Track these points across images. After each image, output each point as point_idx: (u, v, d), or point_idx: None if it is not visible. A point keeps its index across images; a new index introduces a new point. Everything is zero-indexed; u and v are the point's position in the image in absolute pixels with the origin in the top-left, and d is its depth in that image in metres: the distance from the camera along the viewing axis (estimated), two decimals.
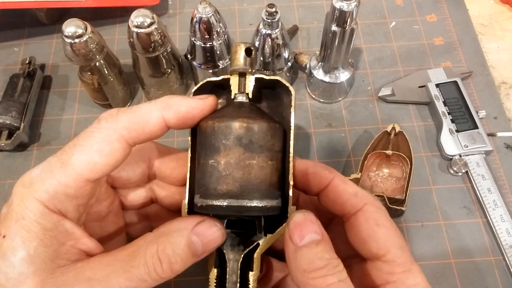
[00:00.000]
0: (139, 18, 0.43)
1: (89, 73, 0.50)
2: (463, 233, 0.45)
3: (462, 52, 0.57)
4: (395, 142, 0.48)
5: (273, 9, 0.44)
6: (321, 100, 0.54)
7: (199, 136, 0.29)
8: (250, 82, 0.30)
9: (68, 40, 0.44)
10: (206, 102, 0.29)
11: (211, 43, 0.45)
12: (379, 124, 0.52)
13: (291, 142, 0.30)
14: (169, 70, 0.49)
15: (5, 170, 0.50)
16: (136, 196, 0.34)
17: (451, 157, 0.48)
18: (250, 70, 0.30)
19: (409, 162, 0.47)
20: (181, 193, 0.34)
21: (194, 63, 0.49)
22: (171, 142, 0.51)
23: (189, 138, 0.30)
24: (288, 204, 0.29)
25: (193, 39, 0.46)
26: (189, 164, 0.30)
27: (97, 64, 0.47)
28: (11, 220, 0.25)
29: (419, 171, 0.49)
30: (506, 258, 0.43)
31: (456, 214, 0.46)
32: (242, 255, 0.29)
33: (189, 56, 0.49)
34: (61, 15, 0.61)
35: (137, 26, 0.43)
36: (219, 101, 0.32)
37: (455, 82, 0.52)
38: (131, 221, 0.35)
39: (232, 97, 0.30)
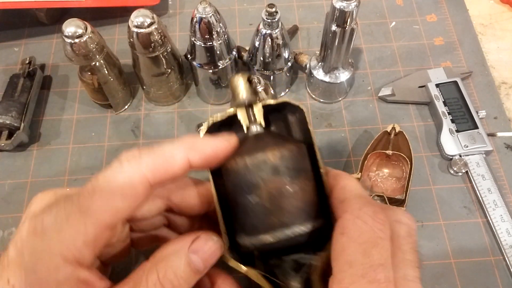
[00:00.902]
0: (139, 18, 0.43)
1: (89, 73, 0.50)
2: (463, 233, 0.45)
3: (462, 52, 0.57)
4: (395, 142, 0.48)
5: (273, 9, 0.44)
6: (321, 100, 0.54)
7: (229, 176, 0.28)
8: (258, 111, 0.30)
9: (68, 40, 0.44)
10: (231, 142, 0.28)
11: (211, 43, 0.45)
12: (379, 124, 0.52)
13: (319, 157, 0.29)
14: (169, 70, 0.49)
15: (5, 170, 0.50)
16: (148, 224, 0.33)
17: (451, 157, 0.48)
18: (256, 99, 0.30)
19: (409, 162, 0.47)
20: (197, 219, 0.33)
21: (194, 63, 0.49)
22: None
23: (211, 179, 0.29)
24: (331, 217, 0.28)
25: (193, 39, 0.46)
26: (219, 209, 0.29)
27: (97, 64, 0.47)
28: (21, 269, 0.23)
29: (419, 171, 0.49)
30: (506, 258, 0.43)
31: (456, 214, 0.46)
32: (301, 281, 0.28)
33: (189, 56, 0.49)
34: (61, 15, 0.61)
35: (137, 26, 0.43)
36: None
37: (455, 82, 0.52)
38: (137, 237, 0.34)
39: (245, 130, 0.30)
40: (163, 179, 0.26)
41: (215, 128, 0.31)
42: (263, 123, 0.30)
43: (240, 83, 0.30)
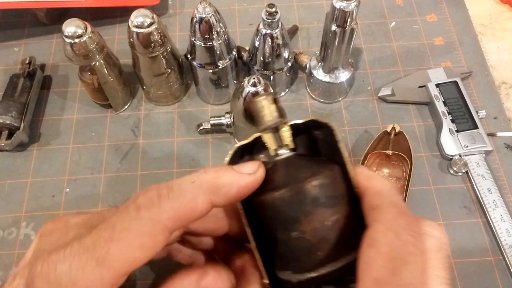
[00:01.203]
0: (139, 18, 0.43)
1: (89, 73, 0.50)
2: (463, 233, 0.45)
3: (462, 52, 0.57)
4: (395, 142, 0.48)
5: (273, 9, 0.44)
6: (321, 100, 0.54)
7: (264, 210, 0.26)
8: (286, 132, 0.28)
9: (68, 40, 0.44)
10: (257, 177, 0.26)
11: (211, 43, 0.45)
12: (379, 124, 0.52)
13: (352, 175, 0.27)
14: (169, 70, 0.49)
15: (5, 170, 0.50)
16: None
17: (451, 157, 0.48)
18: (284, 121, 0.28)
19: (409, 162, 0.47)
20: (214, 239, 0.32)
21: (194, 63, 0.49)
22: (171, 142, 0.51)
23: (242, 212, 0.28)
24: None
25: (193, 39, 0.46)
26: (254, 245, 0.27)
27: (97, 64, 0.47)
28: None
29: (419, 171, 0.49)
30: (506, 258, 0.43)
31: (456, 214, 0.46)
32: None
33: (189, 56, 0.49)
34: (61, 15, 0.61)
35: (137, 26, 0.43)
36: (245, 158, 0.29)
37: (455, 82, 0.52)
38: None
39: (272, 154, 0.28)
40: (184, 225, 0.24)
41: (238, 152, 0.29)
42: (292, 146, 0.28)
43: (265, 105, 0.28)
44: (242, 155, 0.30)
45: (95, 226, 0.24)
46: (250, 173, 0.26)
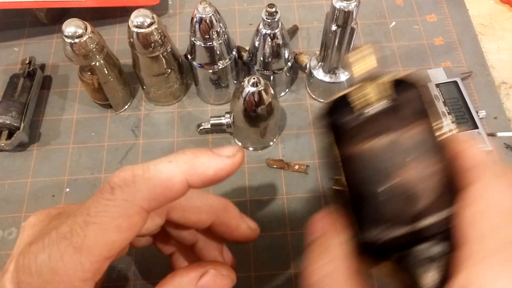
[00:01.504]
0: (139, 18, 0.43)
1: (89, 73, 0.50)
2: None
3: (462, 52, 0.57)
4: None
5: (273, 9, 0.44)
6: (321, 100, 0.54)
7: (359, 162, 0.25)
8: (383, 83, 0.27)
9: (68, 40, 0.44)
10: (236, 161, 0.25)
11: (211, 43, 0.45)
12: None
13: (443, 131, 0.26)
14: (169, 70, 0.49)
15: (5, 170, 0.50)
16: (143, 240, 0.32)
17: None
18: (384, 71, 0.28)
19: None
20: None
21: (194, 63, 0.49)
22: (171, 142, 0.51)
23: (340, 164, 0.27)
24: None
25: (193, 39, 0.46)
26: (351, 204, 0.26)
27: (97, 64, 0.47)
28: None
29: None
30: None
31: None
32: (437, 270, 0.25)
33: (189, 56, 0.49)
34: (61, 15, 0.61)
35: (137, 26, 0.43)
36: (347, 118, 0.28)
37: (455, 82, 0.52)
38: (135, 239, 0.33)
39: (366, 107, 0.27)
40: (161, 205, 0.24)
41: (337, 104, 0.28)
42: (387, 99, 0.27)
43: (366, 52, 0.27)
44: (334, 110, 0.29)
45: (74, 212, 0.23)
46: (229, 156, 0.25)
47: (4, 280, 0.24)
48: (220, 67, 0.48)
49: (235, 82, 0.52)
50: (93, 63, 0.46)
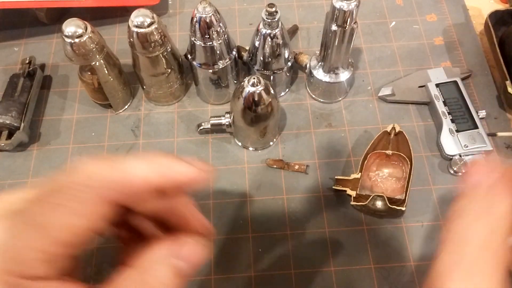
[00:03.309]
0: (139, 18, 0.43)
1: (89, 73, 0.50)
2: None
3: (462, 52, 0.57)
4: (395, 142, 0.48)
5: (273, 9, 0.44)
6: (321, 100, 0.54)
7: None
8: None
9: (68, 40, 0.44)
10: (203, 175, 0.25)
11: (211, 43, 0.45)
12: (379, 124, 0.52)
13: None
14: (169, 70, 0.49)
15: (5, 170, 0.50)
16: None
17: (451, 157, 0.48)
18: None
19: (409, 162, 0.47)
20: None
21: (194, 63, 0.49)
22: (171, 142, 0.51)
23: (495, 44, 0.26)
24: None
25: (193, 39, 0.46)
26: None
27: (97, 64, 0.47)
28: None
29: (419, 171, 0.49)
30: None
31: None
32: None
33: (189, 56, 0.49)
34: (61, 15, 0.61)
35: (137, 26, 0.43)
36: None
37: (455, 82, 0.52)
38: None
39: None
40: (124, 199, 0.23)
41: None
42: None
43: None
44: None
45: (34, 194, 0.23)
46: (198, 167, 0.25)
47: None
48: (220, 67, 0.48)
49: (235, 82, 0.52)
50: (93, 63, 0.46)
